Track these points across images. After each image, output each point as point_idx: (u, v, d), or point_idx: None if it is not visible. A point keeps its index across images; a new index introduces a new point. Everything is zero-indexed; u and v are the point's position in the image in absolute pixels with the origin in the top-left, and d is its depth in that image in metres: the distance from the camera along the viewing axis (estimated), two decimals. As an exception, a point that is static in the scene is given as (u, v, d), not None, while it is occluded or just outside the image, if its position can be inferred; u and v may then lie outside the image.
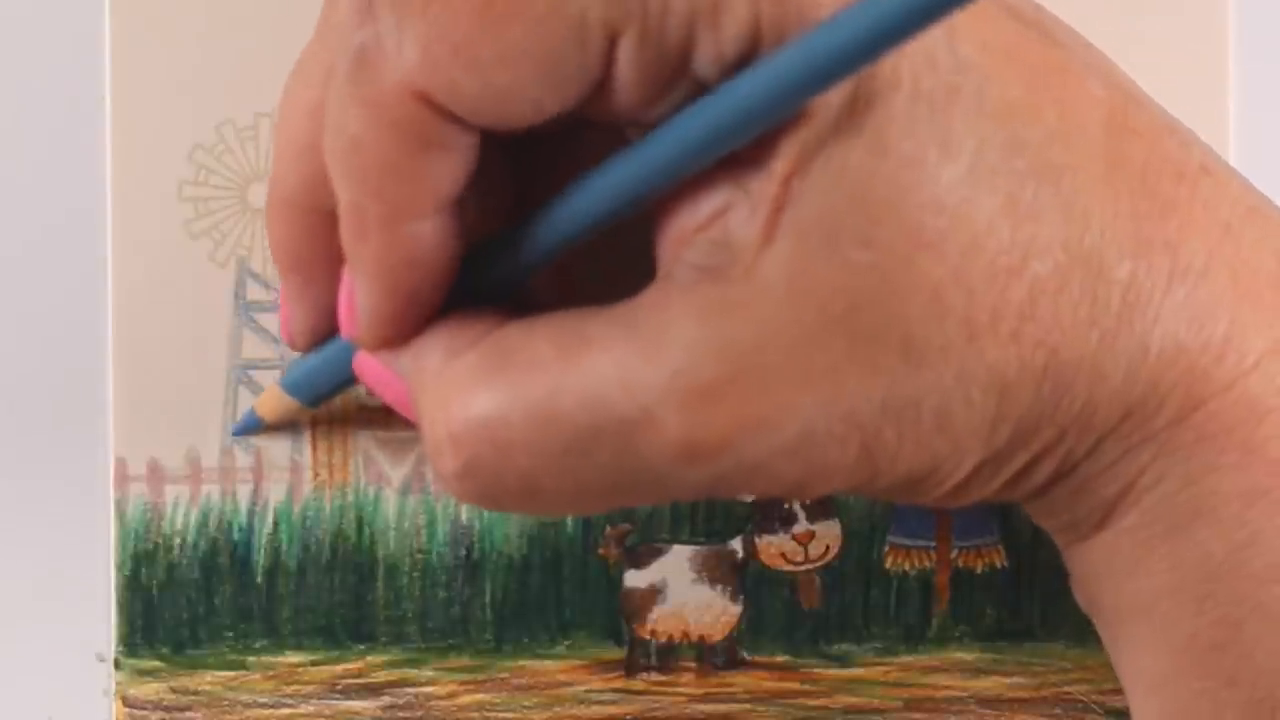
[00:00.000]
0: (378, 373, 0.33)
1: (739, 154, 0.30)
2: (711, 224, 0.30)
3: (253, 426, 0.40)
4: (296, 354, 0.39)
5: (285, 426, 0.41)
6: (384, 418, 0.41)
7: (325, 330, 0.36)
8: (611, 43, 0.29)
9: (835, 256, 0.29)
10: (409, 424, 0.40)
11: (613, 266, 0.32)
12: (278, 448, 0.41)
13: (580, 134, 0.32)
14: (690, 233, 0.30)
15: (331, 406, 0.40)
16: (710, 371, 0.30)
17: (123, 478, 0.41)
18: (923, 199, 0.29)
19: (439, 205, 0.31)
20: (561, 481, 0.31)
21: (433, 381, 0.32)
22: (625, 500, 0.32)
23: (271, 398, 0.39)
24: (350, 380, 0.36)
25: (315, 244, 0.35)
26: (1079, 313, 0.31)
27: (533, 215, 0.31)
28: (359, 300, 0.32)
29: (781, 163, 0.29)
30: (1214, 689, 0.32)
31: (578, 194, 0.31)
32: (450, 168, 0.31)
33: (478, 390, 0.31)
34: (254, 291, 0.41)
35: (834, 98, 0.29)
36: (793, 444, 0.30)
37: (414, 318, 0.32)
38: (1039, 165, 0.30)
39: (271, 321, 0.41)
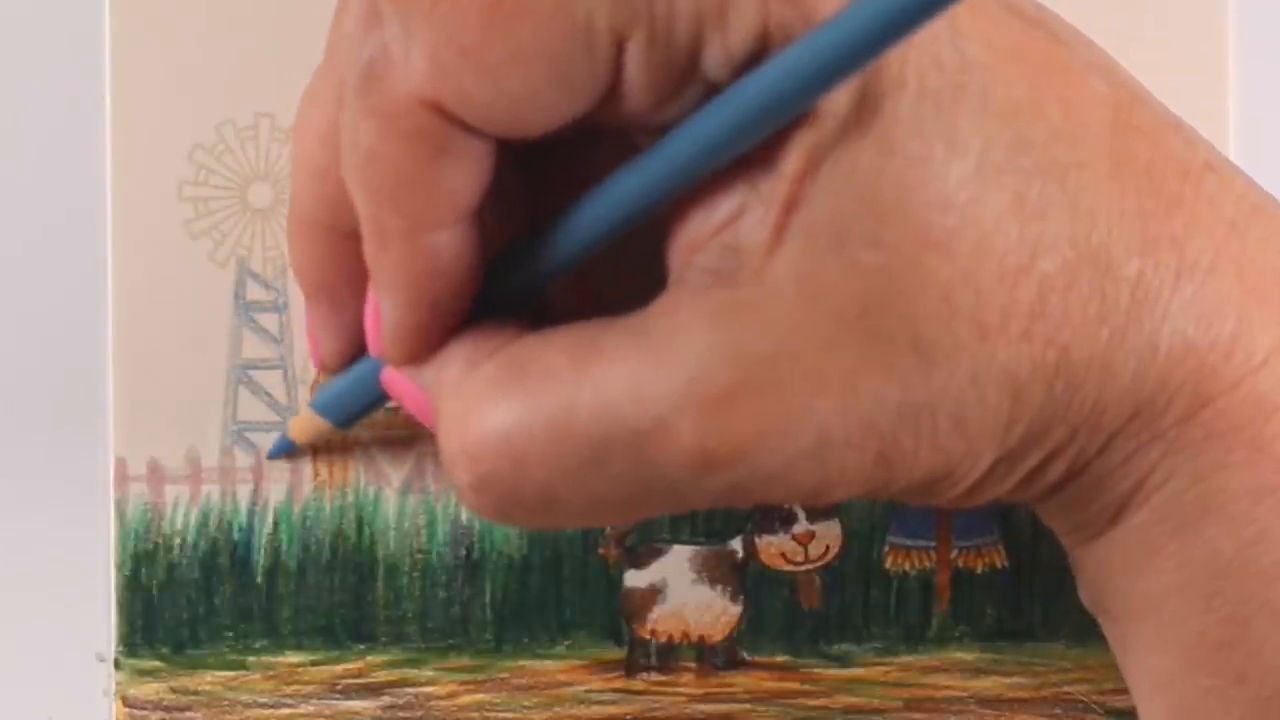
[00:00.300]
0: (403, 387, 0.33)
1: (748, 158, 0.30)
2: (722, 229, 0.30)
3: (285, 449, 0.40)
4: (297, 355, 0.39)
5: (276, 426, 0.41)
6: (384, 418, 0.41)
7: (352, 351, 0.36)
8: (619, 46, 0.29)
9: (844, 258, 0.29)
10: (409, 424, 0.40)
11: (633, 273, 0.32)
12: (278, 448, 0.41)
13: (593, 141, 0.31)
14: (702, 239, 0.30)
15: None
16: (723, 378, 0.30)
17: (123, 478, 0.41)
18: (930, 198, 0.30)
19: (457, 215, 0.31)
20: (577, 494, 0.31)
21: (450, 394, 0.32)
22: (641, 512, 0.32)
23: (303, 420, 0.39)
24: (381, 399, 0.36)
25: (337, 264, 0.35)
26: (1088, 310, 0.31)
27: (550, 223, 0.31)
28: (384, 314, 0.32)
29: (790, 166, 0.29)
30: (1222, 687, 0.32)
31: (594, 201, 0.31)
32: (466, 177, 0.30)
33: (493, 403, 0.31)
34: (254, 291, 0.41)
35: (841, 100, 0.29)
36: (809, 451, 0.30)
37: (438, 329, 0.32)
38: (1045, 163, 0.30)
39: (271, 321, 0.41)
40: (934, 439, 0.31)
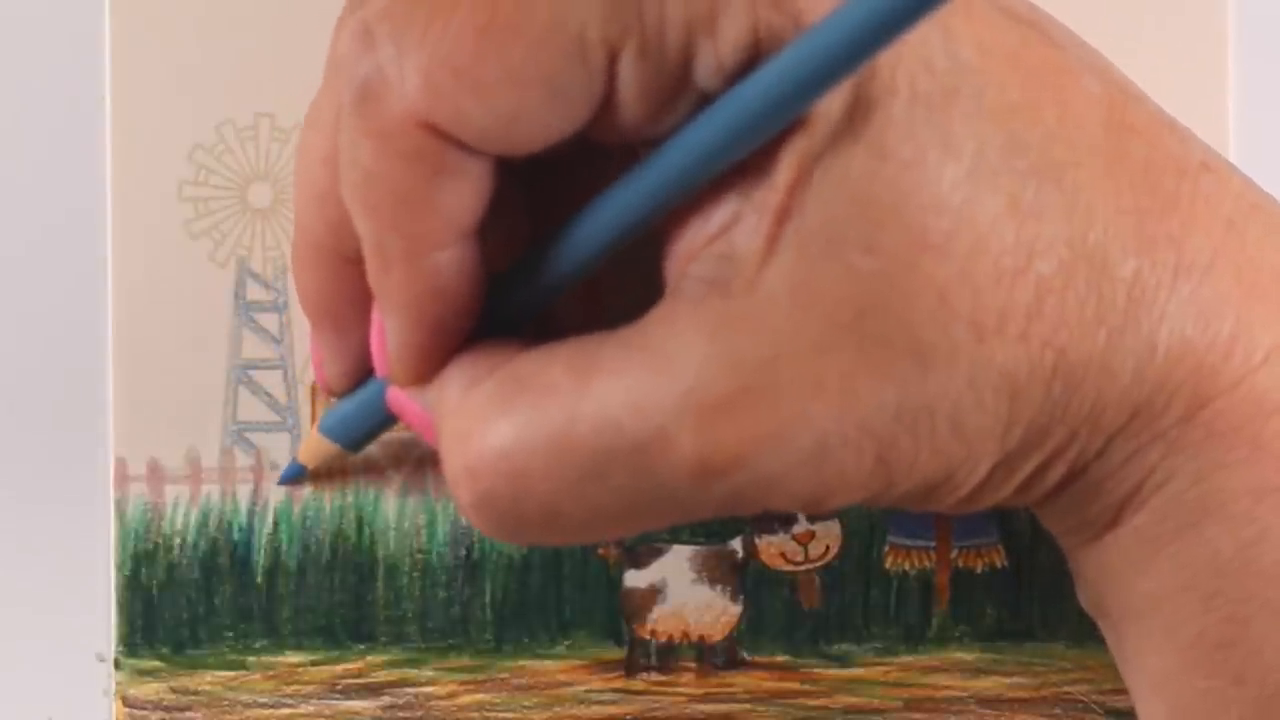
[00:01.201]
0: (408, 407, 0.33)
1: (741, 167, 0.30)
2: (716, 239, 0.30)
3: (296, 474, 0.40)
4: (297, 355, 0.39)
5: (276, 427, 0.41)
6: (384, 418, 0.41)
7: (358, 375, 0.36)
8: (612, 59, 0.29)
9: (839, 263, 0.29)
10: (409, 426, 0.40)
11: (637, 283, 0.32)
12: (278, 448, 0.41)
13: (592, 157, 0.31)
14: (697, 248, 0.30)
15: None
16: (721, 387, 0.30)
17: (123, 478, 0.41)
18: (924, 201, 0.29)
19: (458, 234, 0.31)
20: (579, 508, 0.31)
21: (452, 412, 0.32)
22: (643, 524, 0.32)
23: (313, 443, 0.39)
24: (390, 420, 0.36)
25: (342, 289, 0.34)
26: (1085, 311, 0.31)
27: (550, 240, 0.31)
28: (389, 334, 0.32)
29: (783, 174, 0.29)
30: (1221, 687, 0.32)
31: (591, 216, 0.31)
32: (465, 196, 0.30)
33: (494, 420, 0.31)
34: (254, 291, 0.41)
35: (833, 106, 0.29)
36: (808, 456, 0.30)
37: (442, 349, 0.32)
38: (1040, 164, 0.30)
39: (271, 321, 0.41)
40: (933, 442, 0.31)
